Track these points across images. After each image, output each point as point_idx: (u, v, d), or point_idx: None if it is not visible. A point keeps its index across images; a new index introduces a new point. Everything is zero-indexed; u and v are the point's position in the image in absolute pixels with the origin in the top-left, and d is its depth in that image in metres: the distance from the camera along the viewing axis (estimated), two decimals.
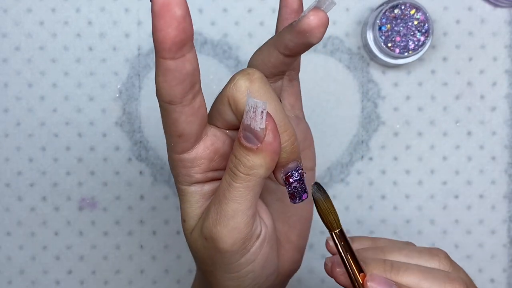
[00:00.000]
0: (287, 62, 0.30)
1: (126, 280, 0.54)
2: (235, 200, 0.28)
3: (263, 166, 0.27)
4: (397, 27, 0.50)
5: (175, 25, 0.24)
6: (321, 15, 0.27)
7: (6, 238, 0.53)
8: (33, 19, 0.52)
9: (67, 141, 0.53)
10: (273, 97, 0.28)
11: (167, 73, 0.26)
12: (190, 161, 0.29)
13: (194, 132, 0.28)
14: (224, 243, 0.29)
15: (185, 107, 0.27)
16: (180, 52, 0.25)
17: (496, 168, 0.54)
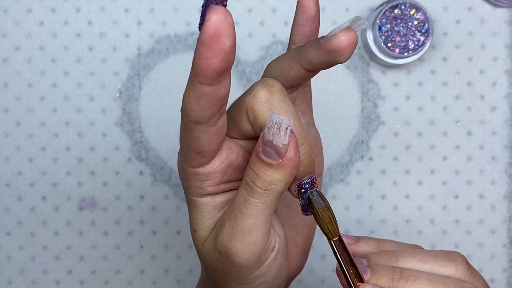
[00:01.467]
0: (308, 76, 0.30)
1: (126, 280, 0.54)
2: (252, 215, 0.28)
3: (282, 181, 0.27)
4: (397, 27, 0.50)
5: (222, 56, 0.23)
6: (351, 35, 0.27)
7: (6, 238, 0.53)
8: (33, 19, 0.52)
9: (67, 141, 0.53)
10: (292, 110, 0.28)
11: (201, 97, 0.25)
12: (205, 175, 0.29)
13: (213, 149, 0.28)
14: (240, 258, 0.28)
15: (210, 127, 0.26)
16: (219, 79, 0.25)
17: (496, 168, 0.54)
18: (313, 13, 0.31)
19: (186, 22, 0.53)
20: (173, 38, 0.53)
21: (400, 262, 0.31)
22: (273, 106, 0.27)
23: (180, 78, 0.53)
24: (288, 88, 0.31)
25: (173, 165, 0.53)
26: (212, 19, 0.23)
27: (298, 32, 0.31)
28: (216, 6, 0.23)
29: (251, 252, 0.28)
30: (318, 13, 0.31)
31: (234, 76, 0.53)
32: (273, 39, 0.53)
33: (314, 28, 0.31)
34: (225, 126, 0.28)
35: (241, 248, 0.28)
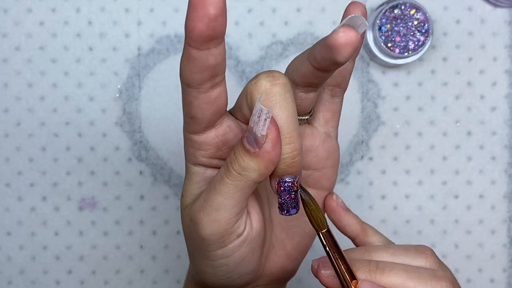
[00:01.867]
0: (317, 75, 0.29)
1: (126, 280, 0.54)
2: (222, 194, 0.29)
3: (256, 171, 0.28)
4: (397, 27, 0.50)
5: (206, 22, 0.25)
6: (350, 34, 0.26)
7: (6, 238, 0.53)
8: (33, 19, 0.52)
9: (67, 141, 0.53)
10: (288, 106, 0.28)
11: (189, 60, 0.26)
12: (198, 144, 0.30)
13: (206, 119, 0.29)
14: (203, 230, 0.29)
15: (200, 93, 0.28)
16: (205, 45, 0.26)
17: (496, 168, 0.54)
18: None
19: None
20: (173, 38, 0.53)
21: (373, 256, 0.32)
22: (265, 96, 0.27)
23: None
24: (303, 86, 0.30)
25: (173, 165, 0.53)
26: None
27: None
28: None
29: (213, 228, 0.29)
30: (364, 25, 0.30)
31: (234, 76, 0.53)
32: (273, 39, 0.53)
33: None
34: (220, 100, 0.28)
35: (205, 221, 0.29)
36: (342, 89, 0.34)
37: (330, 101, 0.34)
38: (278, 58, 0.53)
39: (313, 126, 0.34)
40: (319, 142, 0.34)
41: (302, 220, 0.35)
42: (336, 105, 0.34)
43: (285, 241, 0.35)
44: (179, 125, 0.53)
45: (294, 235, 0.35)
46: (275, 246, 0.35)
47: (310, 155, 0.34)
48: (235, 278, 0.32)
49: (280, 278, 0.36)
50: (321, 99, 0.34)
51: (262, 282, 0.35)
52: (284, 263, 0.35)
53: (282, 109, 0.28)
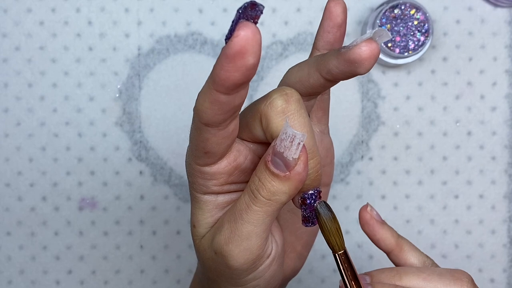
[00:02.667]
0: (326, 86, 0.29)
1: (126, 280, 0.54)
2: (252, 222, 0.28)
3: (287, 193, 0.27)
4: (397, 27, 0.50)
5: (243, 71, 0.23)
6: (373, 47, 0.26)
7: (6, 238, 0.53)
8: (33, 19, 0.52)
9: (67, 141, 0.53)
10: (307, 123, 0.27)
11: (215, 103, 0.25)
12: (210, 175, 0.29)
13: (221, 152, 0.28)
14: (235, 262, 0.28)
15: (220, 130, 0.27)
16: (236, 90, 0.25)
17: (496, 168, 0.54)
18: (340, 20, 0.30)
19: (186, 22, 0.53)
20: (173, 38, 0.53)
21: (404, 280, 0.30)
22: (288, 118, 0.27)
23: (180, 78, 0.53)
24: (306, 95, 0.30)
25: (173, 165, 0.53)
26: (240, 36, 0.23)
27: (322, 38, 0.31)
28: (247, 23, 0.23)
29: (246, 258, 0.28)
30: (345, 21, 0.30)
31: None
32: (273, 39, 0.53)
33: (339, 36, 0.31)
34: (235, 131, 0.28)
35: (237, 252, 0.28)
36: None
37: (320, 100, 0.33)
38: (278, 58, 0.53)
39: None
40: (318, 143, 0.33)
41: None
42: (325, 102, 0.34)
43: (295, 243, 0.35)
44: (179, 125, 0.53)
45: (302, 235, 0.35)
46: (287, 250, 0.35)
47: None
48: None
49: (291, 276, 0.36)
50: (313, 105, 0.33)
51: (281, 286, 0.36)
52: (295, 263, 0.36)
53: (301, 126, 0.27)
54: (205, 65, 0.53)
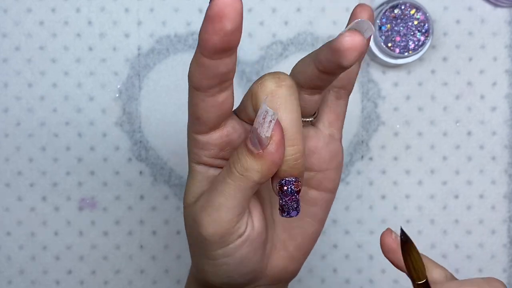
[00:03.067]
0: (322, 78, 0.29)
1: (126, 280, 0.54)
2: (223, 194, 0.29)
3: (259, 172, 0.28)
4: (397, 27, 0.50)
5: (221, 36, 0.25)
6: (356, 38, 0.25)
7: (6, 238, 0.53)
8: (33, 19, 0.52)
9: (67, 141, 0.53)
10: (293, 108, 0.28)
11: (200, 66, 0.27)
12: (202, 144, 0.30)
13: (211, 121, 0.29)
14: (204, 230, 0.30)
15: (208, 97, 0.28)
16: (217, 56, 0.26)
17: (496, 168, 0.54)
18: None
19: (186, 22, 0.53)
20: (173, 38, 0.53)
21: None
22: (276, 101, 0.27)
23: (180, 78, 0.53)
24: (307, 88, 0.30)
25: (173, 165, 0.53)
26: (219, 0, 0.24)
27: None
28: None
29: (214, 229, 0.29)
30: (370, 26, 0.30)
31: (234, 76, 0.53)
32: (273, 39, 0.53)
33: None
34: (226, 103, 0.29)
35: (207, 221, 0.29)
36: (347, 91, 0.33)
37: (335, 103, 0.33)
38: (278, 58, 0.53)
39: (317, 127, 0.34)
40: (322, 144, 0.33)
41: (304, 221, 0.35)
42: (340, 107, 0.34)
43: (287, 242, 0.35)
44: (179, 125, 0.53)
45: (296, 235, 0.35)
46: (277, 247, 0.35)
47: (313, 156, 0.34)
48: (236, 277, 0.32)
49: (282, 278, 0.36)
50: (325, 101, 0.33)
51: (264, 282, 0.35)
52: (286, 264, 0.35)
53: (287, 111, 0.28)
54: None
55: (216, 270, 0.31)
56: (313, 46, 0.53)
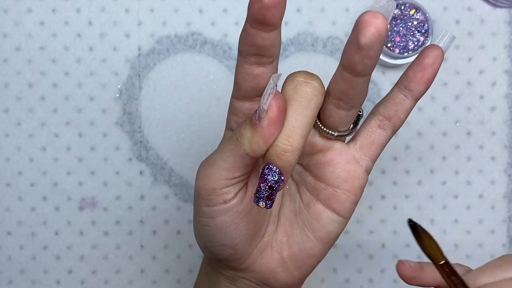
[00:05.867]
0: (345, 78, 0.29)
1: (126, 280, 0.54)
2: (219, 153, 0.31)
3: (249, 141, 0.29)
4: (397, 27, 0.50)
5: (259, 6, 0.27)
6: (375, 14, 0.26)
7: (6, 238, 0.53)
8: (33, 19, 0.52)
9: (67, 141, 0.53)
10: (308, 106, 0.29)
11: (244, 31, 0.29)
12: (234, 108, 0.32)
13: (244, 88, 0.31)
14: (197, 181, 0.32)
15: (246, 63, 0.30)
16: (256, 25, 0.28)
17: (496, 168, 0.54)
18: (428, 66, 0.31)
19: (186, 22, 0.53)
20: (173, 38, 0.53)
21: (478, 281, 0.33)
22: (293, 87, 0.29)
23: (180, 78, 0.53)
24: (335, 98, 0.30)
25: (173, 165, 0.53)
26: None
27: (406, 75, 0.32)
28: None
29: (203, 182, 0.31)
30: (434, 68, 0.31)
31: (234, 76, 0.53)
32: None
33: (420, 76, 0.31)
34: (261, 79, 0.30)
35: (201, 173, 0.32)
36: (391, 124, 0.32)
37: (374, 130, 0.33)
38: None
39: (347, 145, 0.34)
40: (340, 160, 0.33)
41: (305, 233, 0.35)
42: (378, 136, 0.33)
43: (283, 246, 0.35)
44: (179, 125, 0.53)
45: (293, 244, 0.35)
46: (273, 247, 0.35)
47: (327, 168, 0.33)
48: (215, 245, 0.33)
49: (269, 282, 0.35)
50: (366, 125, 0.33)
51: (250, 277, 0.35)
52: (276, 268, 0.35)
53: (300, 105, 0.28)
54: (205, 65, 0.53)
55: (201, 229, 0.33)
56: (312, 46, 0.53)
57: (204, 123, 0.53)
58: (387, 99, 0.32)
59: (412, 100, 0.32)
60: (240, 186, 0.31)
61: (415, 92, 0.31)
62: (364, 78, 0.29)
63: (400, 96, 0.32)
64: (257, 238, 0.34)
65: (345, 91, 0.29)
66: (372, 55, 0.27)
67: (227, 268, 0.35)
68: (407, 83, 0.31)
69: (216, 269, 0.36)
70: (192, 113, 0.53)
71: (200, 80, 0.53)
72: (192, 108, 0.53)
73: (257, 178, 0.32)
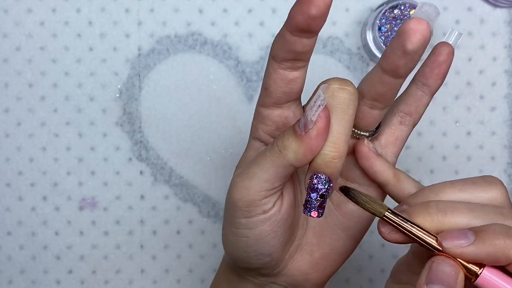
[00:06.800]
0: (385, 81, 0.30)
1: (126, 279, 0.54)
2: (259, 165, 0.30)
3: (294, 153, 0.28)
4: (397, 27, 0.50)
5: (304, 17, 0.27)
6: (421, 22, 0.27)
7: (6, 237, 0.53)
8: (33, 19, 0.52)
9: (67, 141, 0.53)
10: (347, 112, 0.29)
11: (281, 37, 0.29)
12: (262, 117, 0.32)
13: (276, 94, 0.31)
14: (234, 194, 0.31)
15: (280, 69, 0.30)
16: (297, 34, 0.28)
17: (496, 168, 0.54)
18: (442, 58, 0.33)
19: (186, 22, 0.53)
20: (173, 38, 0.53)
21: (440, 196, 0.31)
22: (330, 94, 0.29)
23: (180, 78, 0.53)
24: (370, 99, 0.31)
25: (173, 165, 0.53)
26: None
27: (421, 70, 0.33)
28: None
29: (242, 195, 0.30)
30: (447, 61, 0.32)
31: (234, 76, 0.53)
32: (273, 39, 0.53)
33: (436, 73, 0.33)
34: (294, 84, 0.30)
35: (238, 186, 0.31)
36: (412, 120, 0.34)
37: (397, 127, 0.35)
38: None
39: (372, 144, 0.35)
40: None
41: (336, 233, 0.35)
42: (401, 132, 0.35)
43: (314, 248, 0.35)
44: (179, 125, 0.53)
45: (325, 244, 0.35)
46: (304, 249, 0.35)
47: (358, 167, 0.35)
48: (251, 255, 0.33)
49: (299, 284, 0.36)
50: (389, 123, 0.34)
51: (282, 281, 0.35)
52: (308, 270, 0.35)
53: (340, 112, 0.29)
54: (205, 65, 0.53)
55: (237, 240, 0.32)
56: None
57: (204, 123, 0.53)
58: (406, 97, 0.34)
59: (430, 95, 0.34)
60: (278, 195, 0.31)
61: (433, 87, 0.33)
62: (403, 79, 0.30)
63: (419, 92, 0.33)
64: (289, 242, 0.34)
65: (383, 92, 0.31)
66: (416, 59, 0.29)
67: (258, 276, 0.35)
68: (425, 80, 0.33)
69: (243, 277, 0.36)
70: (192, 113, 0.53)
71: (200, 80, 0.53)
72: (192, 108, 0.53)
73: (291, 185, 0.33)
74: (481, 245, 0.28)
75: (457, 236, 0.28)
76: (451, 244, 0.28)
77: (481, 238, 0.28)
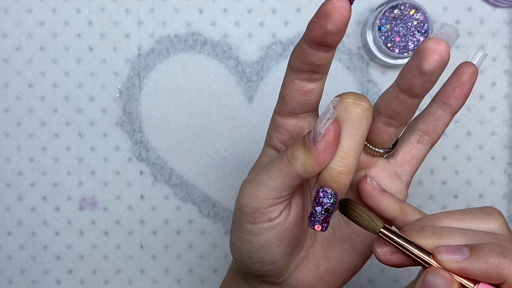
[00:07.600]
0: (401, 99, 0.30)
1: (126, 279, 0.54)
2: (267, 173, 0.30)
3: (302, 164, 0.28)
4: (397, 28, 0.51)
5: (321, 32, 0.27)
6: (440, 43, 0.27)
7: (6, 237, 0.53)
8: (33, 19, 0.52)
9: (67, 141, 0.53)
10: (360, 127, 0.29)
11: (299, 49, 0.29)
12: (277, 125, 0.32)
13: (292, 104, 0.31)
14: (241, 199, 0.31)
15: (296, 79, 0.30)
16: (315, 47, 0.28)
17: (496, 168, 0.54)
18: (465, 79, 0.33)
19: (186, 23, 0.53)
20: (173, 38, 0.53)
21: (437, 224, 0.31)
22: (344, 109, 0.29)
23: (180, 78, 0.53)
24: (386, 116, 0.31)
25: (173, 165, 0.53)
26: (331, 1, 0.26)
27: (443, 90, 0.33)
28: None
29: (249, 200, 0.31)
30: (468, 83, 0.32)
31: (234, 76, 0.53)
32: (273, 39, 0.53)
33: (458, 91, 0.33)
34: (310, 95, 0.30)
35: (246, 191, 0.31)
36: (430, 139, 0.34)
37: (415, 146, 0.34)
38: (278, 58, 0.53)
39: (388, 161, 0.34)
40: (384, 176, 0.34)
41: (343, 247, 0.35)
42: (418, 151, 0.34)
43: (321, 260, 0.35)
44: (179, 125, 0.53)
45: (332, 258, 0.35)
46: (310, 261, 0.35)
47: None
48: (255, 261, 0.33)
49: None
50: (406, 141, 0.34)
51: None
52: (313, 282, 0.35)
53: (352, 127, 0.28)
54: (205, 65, 0.53)
55: (241, 245, 0.32)
56: None
57: (204, 123, 0.53)
58: (426, 115, 0.33)
59: (450, 115, 0.33)
60: (285, 204, 0.31)
61: (454, 107, 0.33)
62: (420, 99, 0.30)
63: (439, 111, 0.33)
64: (295, 253, 0.34)
65: (399, 110, 0.30)
66: (433, 80, 0.28)
67: (263, 283, 0.35)
68: (446, 99, 0.33)
69: (249, 283, 0.36)
70: (192, 113, 0.53)
71: (200, 80, 0.53)
72: (192, 108, 0.53)
73: (300, 197, 0.32)
74: (475, 261, 0.28)
75: (453, 251, 0.28)
76: (446, 258, 0.28)
77: (476, 254, 0.28)
